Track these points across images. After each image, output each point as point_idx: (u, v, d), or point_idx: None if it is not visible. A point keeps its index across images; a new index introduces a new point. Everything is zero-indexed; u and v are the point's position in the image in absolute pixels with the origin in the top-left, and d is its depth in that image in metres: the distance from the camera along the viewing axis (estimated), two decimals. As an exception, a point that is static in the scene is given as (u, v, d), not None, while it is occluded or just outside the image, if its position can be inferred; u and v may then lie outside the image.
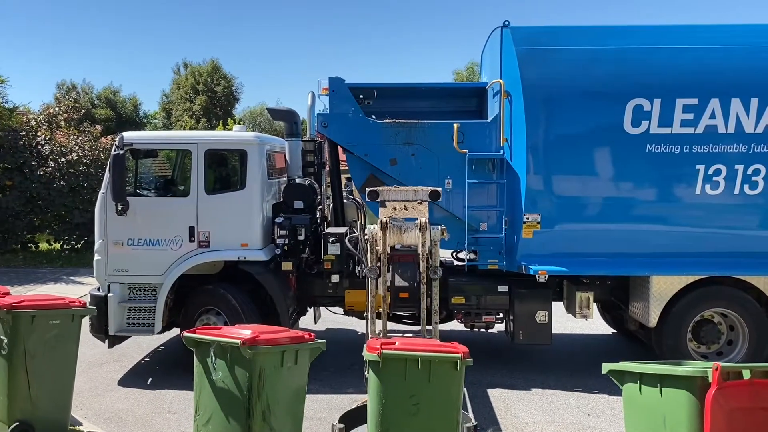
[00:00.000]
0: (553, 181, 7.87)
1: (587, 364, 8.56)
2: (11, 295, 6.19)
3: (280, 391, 4.90)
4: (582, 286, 8.24)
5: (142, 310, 8.05)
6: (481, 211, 8.20)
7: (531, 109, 7.70)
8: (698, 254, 7.82)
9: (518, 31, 7.85)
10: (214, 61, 47.49)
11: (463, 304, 8.34)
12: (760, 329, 7.76)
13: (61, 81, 46.86)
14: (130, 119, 45.67)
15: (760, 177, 7.58)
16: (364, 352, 5.12)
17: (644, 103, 7.56)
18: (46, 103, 22.69)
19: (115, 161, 7.65)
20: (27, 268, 16.64)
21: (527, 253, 7.96)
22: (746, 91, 7.50)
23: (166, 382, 7.98)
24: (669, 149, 7.61)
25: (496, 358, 8.93)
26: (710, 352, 8.01)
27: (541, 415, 7.03)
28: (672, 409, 4.48)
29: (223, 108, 45.04)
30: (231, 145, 8.47)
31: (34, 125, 18.79)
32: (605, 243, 7.87)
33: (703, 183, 7.62)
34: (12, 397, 5.70)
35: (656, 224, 7.81)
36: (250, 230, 8.05)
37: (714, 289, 7.87)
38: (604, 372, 5.22)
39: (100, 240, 8.09)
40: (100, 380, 8.09)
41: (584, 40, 7.84)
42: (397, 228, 6.56)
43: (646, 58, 7.65)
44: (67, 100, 24.88)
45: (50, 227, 18.30)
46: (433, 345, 5.22)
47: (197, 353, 4.99)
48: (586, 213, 7.92)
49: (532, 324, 8.10)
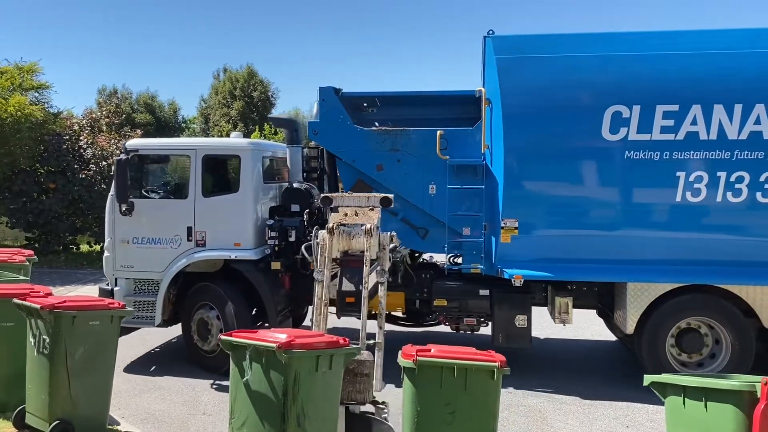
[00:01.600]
0: (531, 186, 7.95)
1: (625, 373, 8.51)
2: (53, 296, 6.33)
3: (315, 396, 4.84)
4: (563, 291, 8.24)
5: (145, 304, 8.65)
6: (463, 216, 8.28)
7: (509, 115, 7.78)
8: (678, 262, 7.71)
9: (499, 39, 7.94)
10: (250, 67, 48.05)
11: (445, 306, 8.61)
12: (743, 340, 7.65)
13: (102, 86, 47.82)
14: (169, 124, 46.41)
15: (743, 184, 7.42)
16: (399, 359, 5.10)
17: (623, 110, 7.51)
18: (89, 108, 23.26)
19: (119, 166, 8.41)
20: (68, 269, 17.09)
21: (505, 258, 8.04)
22: (729, 97, 7.35)
23: (202, 385, 8.16)
24: (648, 156, 7.53)
25: (531, 365, 8.91)
26: (691, 361, 7.94)
27: (579, 426, 6.93)
28: (718, 424, 4.40)
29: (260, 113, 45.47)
30: (226, 150, 9.13)
31: (77, 129, 19.25)
32: (584, 249, 7.87)
33: (683, 190, 7.52)
34: (53, 396, 5.79)
35: (635, 231, 7.76)
36: (243, 231, 8.55)
37: (696, 298, 7.81)
38: (645, 384, 5.14)
39: (108, 238, 8.85)
40: (137, 381, 8.34)
41: (564, 47, 7.84)
42: (346, 233, 6.44)
43: (624, 64, 7.61)
44: (109, 104, 25.40)
45: (91, 229, 18.72)
46: (470, 353, 5.17)
47: (233, 356, 4.96)
48: (564, 219, 7.92)
49: (511, 327, 8.27)
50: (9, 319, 6.37)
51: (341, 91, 8.90)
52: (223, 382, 8.13)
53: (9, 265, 8.27)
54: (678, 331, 7.87)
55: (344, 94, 8.92)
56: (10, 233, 20.38)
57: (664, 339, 7.79)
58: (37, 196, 17.96)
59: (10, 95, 17.88)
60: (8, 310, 6.22)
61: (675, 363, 7.84)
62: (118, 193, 8.51)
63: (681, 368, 7.84)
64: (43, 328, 5.84)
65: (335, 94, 8.77)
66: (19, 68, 19.31)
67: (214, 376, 8.36)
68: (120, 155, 8.60)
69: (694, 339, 7.83)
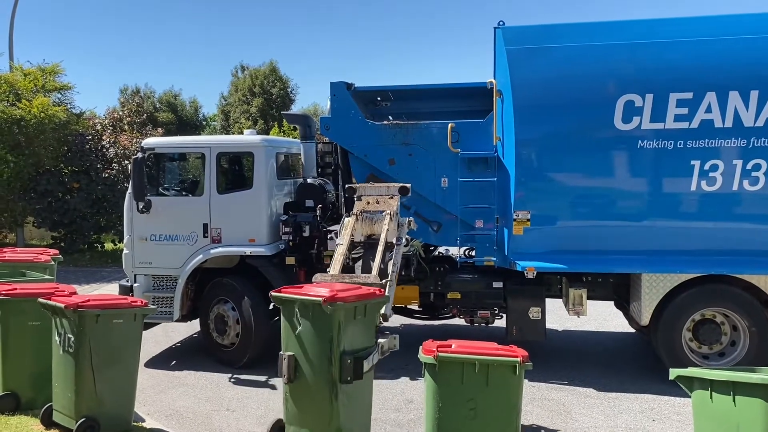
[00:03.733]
0: (543, 178, 7.89)
1: (650, 366, 8.42)
2: (78, 295, 6.48)
3: (353, 340, 5.40)
4: (578, 283, 8.18)
5: (164, 299, 8.84)
6: (475, 209, 8.30)
7: (520, 106, 7.75)
8: (694, 252, 7.62)
9: (509, 30, 7.90)
10: (272, 63, 48.14)
11: (459, 299, 8.65)
12: (762, 330, 7.50)
13: (123, 86, 48.31)
14: (190, 122, 46.75)
15: (760, 172, 7.29)
16: (420, 354, 5.17)
17: (635, 99, 7.42)
18: (111, 107, 23.56)
19: (136, 164, 8.60)
20: (93, 268, 17.39)
21: (518, 250, 8.03)
22: (745, 84, 7.20)
23: (223, 380, 8.30)
24: (662, 145, 7.45)
25: (553, 358, 8.87)
26: (712, 353, 7.83)
27: (603, 420, 6.86)
28: (747, 418, 4.34)
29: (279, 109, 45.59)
30: (240, 147, 9.19)
31: (99, 129, 19.52)
32: (597, 240, 7.82)
33: (698, 179, 7.42)
34: (79, 394, 5.93)
35: (649, 221, 7.67)
36: (257, 227, 8.66)
37: (712, 288, 7.70)
38: (671, 377, 5.12)
39: (127, 235, 9.05)
40: (161, 377, 8.48)
41: (574, 37, 7.76)
42: (369, 219, 7.33)
43: (636, 52, 7.51)
44: (131, 104, 25.70)
45: (115, 227, 19.00)
46: (491, 348, 5.20)
47: (283, 311, 5.53)
48: (577, 210, 7.87)
49: (525, 320, 8.26)
50: (35, 318, 6.58)
51: (353, 86, 8.94)
52: (241, 376, 8.33)
53: (35, 264, 8.49)
54: (693, 324, 7.77)
55: (357, 89, 8.96)
56: (36, 233, 20.79)
57: (681, 331, 7.70)
58: (61, 195, 18.28)
59: (34, 97, 18.18)
60: (34, 310, 6.42)
61: (693, 356, 7.75)
62: (135, 191, 8.69)
63: (701, 360, 7.75)
64: (67, 326, 5.98)
65: (347, 89, 8.83)
66: (42, 70, 19.62)
67: (232, 370, 8.54)
68: (137, 154, 8.78)
69: (712, 330, 7.72)
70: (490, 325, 8.94)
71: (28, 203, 18.11)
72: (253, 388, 7.99)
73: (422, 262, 8.73)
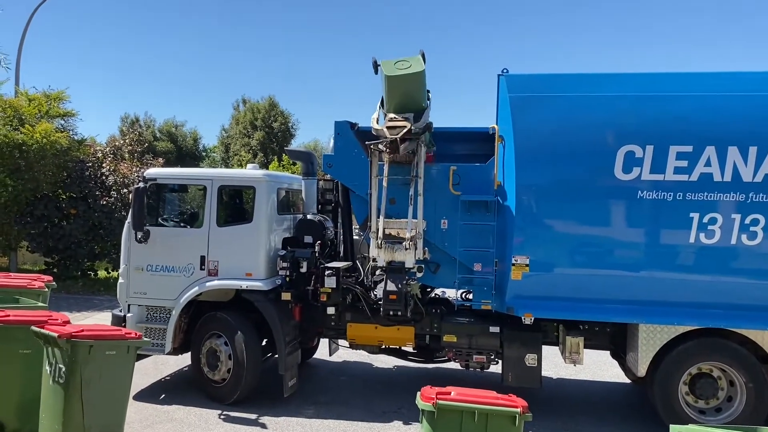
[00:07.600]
0: (543, 224, 7.93)
1: (646, 418, 8.36)
2: (71, 324, 6.42)
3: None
4: (575, 331, 8.19)
5: (157, 331, 8.76)
6: (474, 251, 8.32)
7: (521, 152, 7.86)
8: (692, 304, 7.63)
9: (513, 78, 8.04)
10: (271, 98, 48.68)
11: (454, 342, 8.60)
12: (759, 387, 7.49)
13: (124, 114, 48.66)
14: (190, 153, 47.00)
15: (758, 227, 7.35)
16: (418, 400, 5.11)
17: (636, 150, 7.52)
18: (112, 135, 23.65)
19: (137, 194, 8.60)
20: (85, 295, 17.22)
21: (516, 295, 8.03)
22: (744, 139, 7.31)
23: (212, 416, 8.17)
24: (661, 196, 7.51)
25: (548, 407, 8.78)
26: (708, 407, 7.77)
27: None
28: None
29: (280, 144, 45.92)
30: (242, 182, 9.17)
31: (100, 156, 19.55)
32: (596, 288, 7.83)
33: (697, 231, 7.47)
34: (66, 426, 5.84)
35: (647, 271, 7.68)
36: (255, 261, 8.64)
37: (709, 342, 7.70)
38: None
39: (124, 265, 9.03)
40: (149, 411, 8.33)
41: (577, 87, 7.88)
42: (390, 247, 8.07)
43: (638, 104, 7.62)
44: (132, 132, 25.78)
45: (109, 255, 18.88)
46: (490, 397, 5.15)
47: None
48: (576, 257, 7.89)
49: (521, 367, 8.24)
50: (26, 346, 6.48)
51: (357, 125, 9.00)
52: (231, 413, 8.20)
53: (28, 290, 8.40)
54: (690, 378, 7.74)
55: (360, 128, 9.01)
56: (30, 257, 20.61)
57: (677, 384, 7.68)
58: (58, 221, 18.20)
59: (38, 122, 18.24)
60: (26, 337, 6.32)
61: (690, 410, 7.70)
62: (134, 220, 8.69)
63: (698, 415, 7.68)
64: (59, 356, 5.91)
65: (350, 129, 8.89)
66: (47, 96, 19.72)
67: (221, 406, 8.41)
68: (138, 183, 8.79)
69: (709, 384, 7.69)
70: (485, 370, 8.86)
71: (24, 227, 18.03)
72: (243, 426, 7.87)
73: (419, 303, 8.69)
